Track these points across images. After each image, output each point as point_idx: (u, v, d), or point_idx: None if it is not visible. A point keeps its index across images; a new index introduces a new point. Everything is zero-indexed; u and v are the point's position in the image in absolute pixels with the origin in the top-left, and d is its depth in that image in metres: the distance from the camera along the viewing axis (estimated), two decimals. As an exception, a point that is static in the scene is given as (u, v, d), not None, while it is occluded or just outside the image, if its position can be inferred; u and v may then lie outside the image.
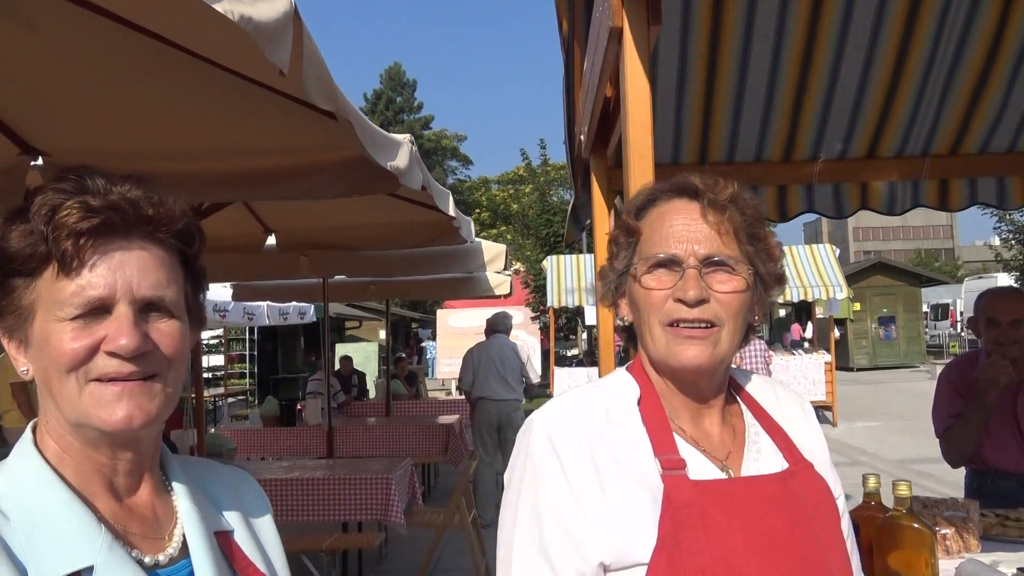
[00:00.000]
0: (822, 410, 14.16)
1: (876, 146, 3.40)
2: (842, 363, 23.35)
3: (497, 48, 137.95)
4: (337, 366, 11.01)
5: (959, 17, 2.92)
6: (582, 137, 2.80)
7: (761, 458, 1.16)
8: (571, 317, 18.94)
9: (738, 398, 1.24)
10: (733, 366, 1.23)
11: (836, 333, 15.98)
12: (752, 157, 3.47)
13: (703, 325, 1.09)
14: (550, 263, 14.47)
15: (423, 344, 26.86)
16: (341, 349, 15.96)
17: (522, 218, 23.54)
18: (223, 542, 1.01)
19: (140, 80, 2.55)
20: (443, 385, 19.28)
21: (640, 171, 1.62)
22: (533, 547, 1.07)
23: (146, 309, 0.92)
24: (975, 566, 1.83)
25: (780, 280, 1.20)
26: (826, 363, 13.65)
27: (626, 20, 1.59)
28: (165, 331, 0.93)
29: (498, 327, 7.84)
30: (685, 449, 1.12)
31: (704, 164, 3.47)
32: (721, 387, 1.19)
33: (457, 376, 8.51)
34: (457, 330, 18.69)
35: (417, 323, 32.43)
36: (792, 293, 13.70)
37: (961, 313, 28.24)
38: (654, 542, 1.03)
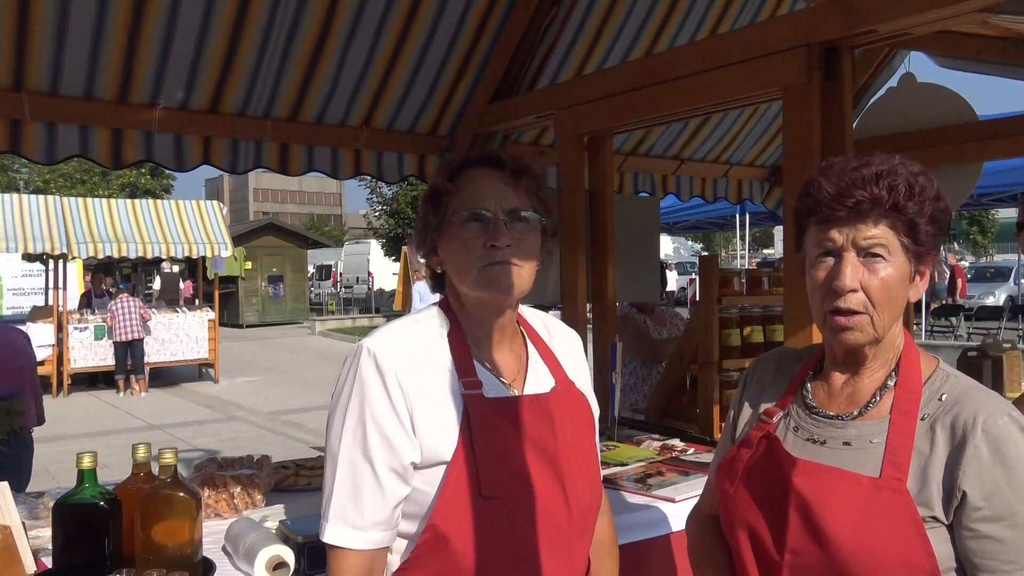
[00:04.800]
0: (206, 367, 14.12)
1: (219, 101, 3.32)
2: (232, 320, 23.75)
3: None
4: None
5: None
6: None
7: (539, 379, 1.47)
8: None
9: (523, 330, 1.52)
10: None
11: (186, 287, 15.95)
12: (81, 93, 3.07)
13: (511, 262, 1.36)
14: None
15: None
16: None
17: None
18: None
19: None
20: None
21: None
22: (358, 449, 1.31)
23: None
24: (242, 524, 1.86)
25: (556, 232, 1.49)
26: (210, 320, 13.61)
27: None
28: None
29: None
30: (482, 373, 1.41)
31: (20, 92, 2.96)
32: (513, 319, 1.47)
33: None
34: None
35: None
36: (177, 249, 13.27)
37: (341, 274, 31.19)
38: (456, 445, 1.32)
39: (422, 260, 1.49)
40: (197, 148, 3.38)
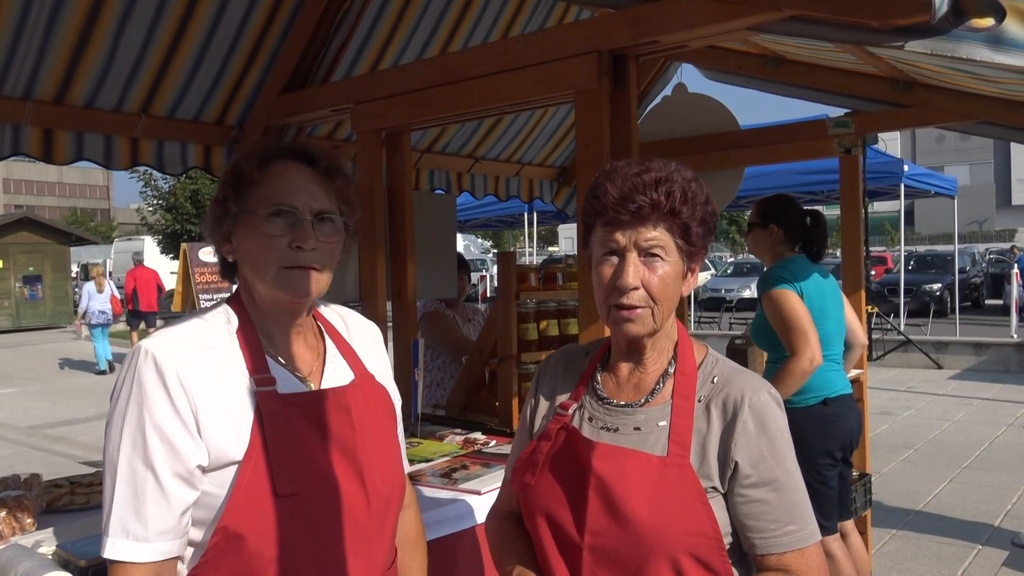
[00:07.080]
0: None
1: (-33, 78, 2.95)
2: (-21, 327, 21.22)
3: None
4: None
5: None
6: None
7: (336, 373, 1.42)
8: None
9: (319, 324, 1.48)
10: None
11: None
12: None
13: (314, 267, 1.33)
14: None
15: None
16: None
17: None
18: None
19: None
20: None
21: None
22: (138, 457, 1.23)
23: None
24: (12, 552, 1.66)
25: (357, 231, 1.46)
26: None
27: None
28: None
29: None
30: (276, 369, 1.35)
31: None
32: (308, 315, 1.43)
33: None
34: None
35: None
36: (-91, 246, 11.63)
37: (111, 273, 28.70)
38: (247, 444, 1.26)
39: (207, 251, 1.44)
40: (-60, 131, 2.98)
